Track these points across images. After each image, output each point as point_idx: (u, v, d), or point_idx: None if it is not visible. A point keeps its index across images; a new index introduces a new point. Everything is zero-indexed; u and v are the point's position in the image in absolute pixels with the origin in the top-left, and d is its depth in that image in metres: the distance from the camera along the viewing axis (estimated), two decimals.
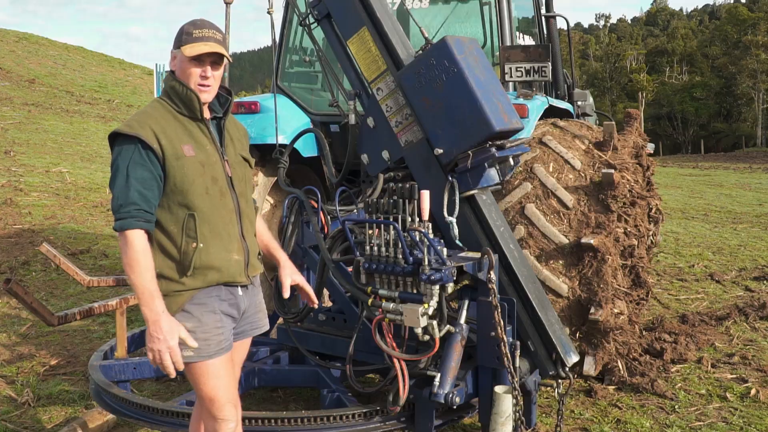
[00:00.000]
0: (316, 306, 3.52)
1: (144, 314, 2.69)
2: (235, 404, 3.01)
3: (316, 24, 4.50)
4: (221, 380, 2.94)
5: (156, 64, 4.66)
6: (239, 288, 2.99)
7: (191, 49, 2.85)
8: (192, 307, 2.85)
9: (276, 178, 5.32)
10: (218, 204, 2.90)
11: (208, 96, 2.92)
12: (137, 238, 2.71)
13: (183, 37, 2.89)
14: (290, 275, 3.32)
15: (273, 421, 3.65)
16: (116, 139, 2.80)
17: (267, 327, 3.26)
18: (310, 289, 3.41)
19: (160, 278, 2.77)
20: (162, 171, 2.79)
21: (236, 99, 5.82)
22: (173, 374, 2.75)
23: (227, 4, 5.26)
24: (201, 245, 2.83)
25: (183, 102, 2.90)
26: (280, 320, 4.65)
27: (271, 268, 5.55)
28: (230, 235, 2.94)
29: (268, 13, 5.34)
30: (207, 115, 2.97)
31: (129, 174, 2.73)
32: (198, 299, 2.86)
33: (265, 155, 5.50)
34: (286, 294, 3.30)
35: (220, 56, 2.90)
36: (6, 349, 5.72)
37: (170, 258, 2.83)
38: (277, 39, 5.87)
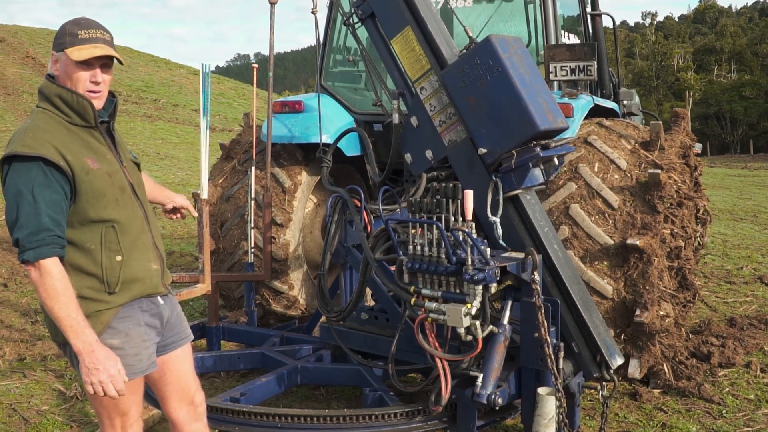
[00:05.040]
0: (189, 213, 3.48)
1: (75, 347, 2.54)
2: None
3: (360, 24, 4.52)
4: (138, 395, 2.82)
5: (202, 64, 4.70)
6: (159, 297, 2.86)
7: (79, 53, 2.63)
8: (117, 322, 2.69)
9: (319, 177, 5.36)
10: (130, 213, 2.75)
11: (99, 102, 2.73)
12: (55, 266, 2.51)
13: (66, 38, 2.65)
14: (171, 200, 3.35)
15: (315, 419, 3.68)
16: (11, 161, 2.55)
17: (192, 336, 3.11)
18: (185, 203, 3.39)
19: (80, 299, 2.59)
20: (72, 189, 2.59)
21: (280, 98, 5.88)
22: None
23: (272, 4, 5.31)
24: (124, 258, 2.70)
25: (74, 110, 2.66)
26: (323, 319, 4.68)
27: (314, 266, 5.62)
28: (146, 244, 2.81)
29: (313, 12, 5.39)
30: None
31: (36, 198, 2.50)
32: (122, 313, 2.71)
33: (308, 154, 5.55)
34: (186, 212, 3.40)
35: (111, 58, 2.72)
36: (55, 344, 5.83)
37: (91, 277, 2.65)
38: (321, 39, 5.90)
